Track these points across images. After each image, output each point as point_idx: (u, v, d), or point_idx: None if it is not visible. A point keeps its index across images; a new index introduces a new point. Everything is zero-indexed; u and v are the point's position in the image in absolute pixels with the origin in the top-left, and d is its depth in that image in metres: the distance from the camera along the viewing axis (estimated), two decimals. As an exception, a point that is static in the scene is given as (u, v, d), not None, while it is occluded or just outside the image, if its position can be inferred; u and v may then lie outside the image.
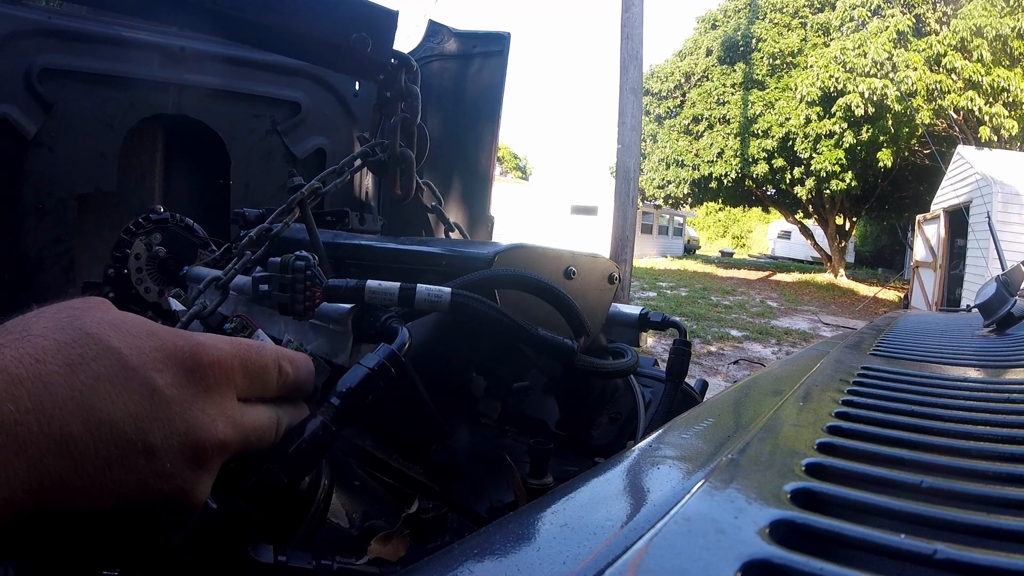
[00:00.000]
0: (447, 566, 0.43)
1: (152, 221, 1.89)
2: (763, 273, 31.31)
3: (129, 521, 0.52)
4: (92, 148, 2.66)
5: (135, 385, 0.51)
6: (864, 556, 0.43)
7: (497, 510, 1.04)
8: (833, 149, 23.97)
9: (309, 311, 0.92)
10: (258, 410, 0.61)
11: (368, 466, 0.94)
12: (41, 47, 2.52)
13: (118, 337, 0.53)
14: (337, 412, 0.67)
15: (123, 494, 0.49)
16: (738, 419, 0.83)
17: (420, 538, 0.91)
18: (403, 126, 1.81)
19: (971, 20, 20.16)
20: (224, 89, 2.91)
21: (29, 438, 0.45)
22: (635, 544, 0.42)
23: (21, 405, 0.45)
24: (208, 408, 0.55)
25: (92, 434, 0.47)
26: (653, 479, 0.59)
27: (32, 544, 0.49)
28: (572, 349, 1.02)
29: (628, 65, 12.56)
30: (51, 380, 0.47)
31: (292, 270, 0.92)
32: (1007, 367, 1.18)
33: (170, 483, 0.51)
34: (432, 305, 0.88)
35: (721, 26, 30.79)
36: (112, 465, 0.48)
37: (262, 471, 0.61)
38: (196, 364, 0.55)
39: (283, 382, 0.64)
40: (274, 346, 0.65)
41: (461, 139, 3.05)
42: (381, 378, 0.72)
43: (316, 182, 1.55)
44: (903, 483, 0.55)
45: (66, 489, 0.47)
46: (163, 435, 0.51)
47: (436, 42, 3.06)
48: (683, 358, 1.25)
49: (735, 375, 10.36)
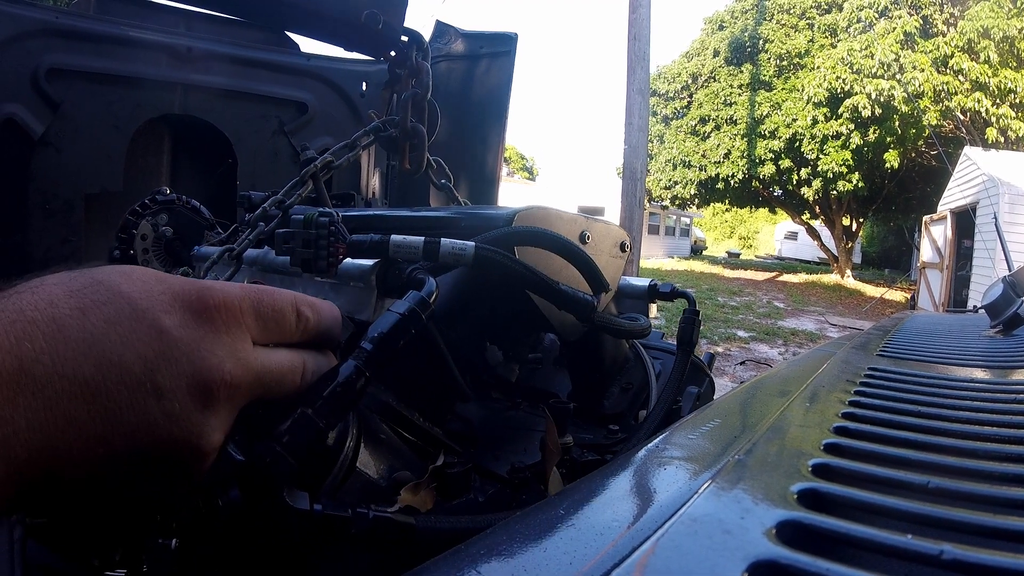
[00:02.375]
0: (454, 566, 0.43)
1: (158, 202, 1.88)
2: (770, 274, 31.27)
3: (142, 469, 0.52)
4: (99, 148, 2.67)
5: (144, 327, 0.52)
6: (871, 556, 0.43)
7: (518, 470, 1.05)
8: (840, 150, 23.95)
9: (332, 267, 0.92)
10: (276, 353, 0.61)
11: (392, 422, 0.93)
12: (48, 47, 2.53)
13: (128, 283, 0.54)
14: (370, 356, 0.67)
15: (133, 436, 0.50)
16: (745, 420, 0.83)
17: (446, 493, 0.91)
18: (414, 101, 1.82)
19: (978, 21, 20.12)
20: (231, 89, 2.91)
21: (46, 378, 0.46)
22: (642, 545, 0.42)
23: (37, 345, 0.46)
24: (216, 349, 0.55)
25: (103, 375, 0.48)
26: (660, 480, 0.59)
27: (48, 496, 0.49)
28: (592, 304, 1.02)
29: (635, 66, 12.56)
30: (64, 323, 0.48)
31: (316, 226, 0.91)
32: (1014, 368, 1.17)
33: (179, 425, 0.52)
34: (456, 259, 0.88)
35: (728, 27, 30.76)
36: (123, 407, 0.49)
37: (297, 415, 0.61)
38: (203, 306, 0.56)
39: (303, 327, 0.64)
40: (292, 292, 0.64)
41: (468, 139, 3.04)
42: (412, 324, 0.72)
43: (329, 155, 1.56)
44: (910, 484, 0.55)
45: (81, 431, 0.47)
46: (171, 375, 0.52)
47: (443, 43, 3.06)
48: (693, 326, 1.25)
49: (742, 375, 10.35)
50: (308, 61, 3.10)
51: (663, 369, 1.46)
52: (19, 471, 0.45)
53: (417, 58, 1.82)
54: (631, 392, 1.41)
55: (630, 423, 1.35)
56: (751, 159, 26.79)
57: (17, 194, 2.53)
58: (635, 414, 1.37)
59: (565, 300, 0.99)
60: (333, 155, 1.59)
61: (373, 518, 0.66)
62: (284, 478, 0.60)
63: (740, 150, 27.19)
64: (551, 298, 0.98)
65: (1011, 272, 1.91)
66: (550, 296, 0.98)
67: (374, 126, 1.79)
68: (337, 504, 0.65)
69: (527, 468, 1.04)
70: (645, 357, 1.44)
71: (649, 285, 1.42)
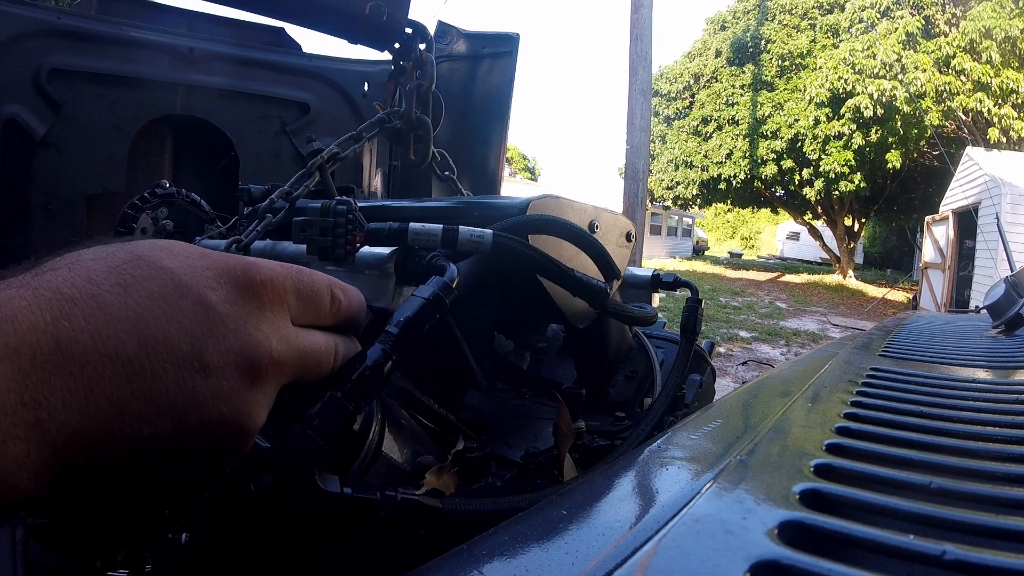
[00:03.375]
0: (456, 566, 0.43)
1: (158, 196, 1.88)
2: (772, 274, 31.25)
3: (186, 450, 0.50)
4: (101, 149, 2.67)
5: (189, 303, 0.50)
6: (873, 557, 0.43)
7: (532, 455, 1.06)
8: (842, 150, 23.94)
9: (350, 255, 0.92)
10: (313, 335, 0.60)
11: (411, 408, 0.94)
12: (50, 47, 2.53)
13: (170, 258, 0.52)
14: (396, 340, 0.67)
15: (180, 416, 0.48)
16: (747, 420, 0.83)
17: (466, 477, 0.92)
18: (418, 93, 1.82)
19: (980, 22, 20.12)
20: (233, 90, 2.91)
21: (85, 357, 0.44)
22: (644, 545, 0.42)
23: (75, 323, 0.45)
24: (262, 326, 0.54)
25: (148, 353, 0.47)
26: (662, 480, 0.59)
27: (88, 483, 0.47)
28: (605, 290, 1.03)
29: (637, 66, 12.57)
30: (104, 300, 0.47)
31: (334, 214, 0.91)
32: (1016, 368, 1.17)
33: (227, 403, 0.51)
34: (474, 246, 0.88)
35: (730, 27, 30.78)
36: (168, 385, 0.48)
37: (327, 398, 0.61)
38: (249, 282, 0.55)
39: (336, 310, 0.63)
40: (326, 275, 0.64)
41: (470, 140, 3.04)
42: (437, 308, 0.72)
43: (335, 146, 1.57)
44: (912, 484, 0.55)
45: (123, 412, 0.46)
46: (218, 352, 0.50)
47: (445, 43, 3.06)
48: (696, 315, 1.26)
49: (744, 376, 10.34)
50: (310, 61, 3.10)
51: (666, 358, 1.48)
52: (57, 455, 0.43)
53: (421, 50, 1.83)
54: (636, 380, 1.43)
55: (635, 410, 1.37)
56: (753, 159, 26.79)
57: (19, 195, 2.52)
58: (640, 401, 1.39)
59: (579, 287, 1.00)
60: (339, 146, 1.60)
61: (401, 500, 0.66)
62: (316, 461, 0.60)
63: (742, 150, 27.19)
64: (566, 284, 1.00)
65: (1013, 272, 1.91)
66: (565, 283, 0.99)
67: (379, 117, 1.80)
68: (367, 487, 0.65)
69: (541, 453, 1.06)
70: (648, 346, 1.47)
71: (652, 275, 1.43)
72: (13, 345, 0.42)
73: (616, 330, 1.38)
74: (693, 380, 1.45)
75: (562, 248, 1.06)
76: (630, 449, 0.97)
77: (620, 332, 1.41)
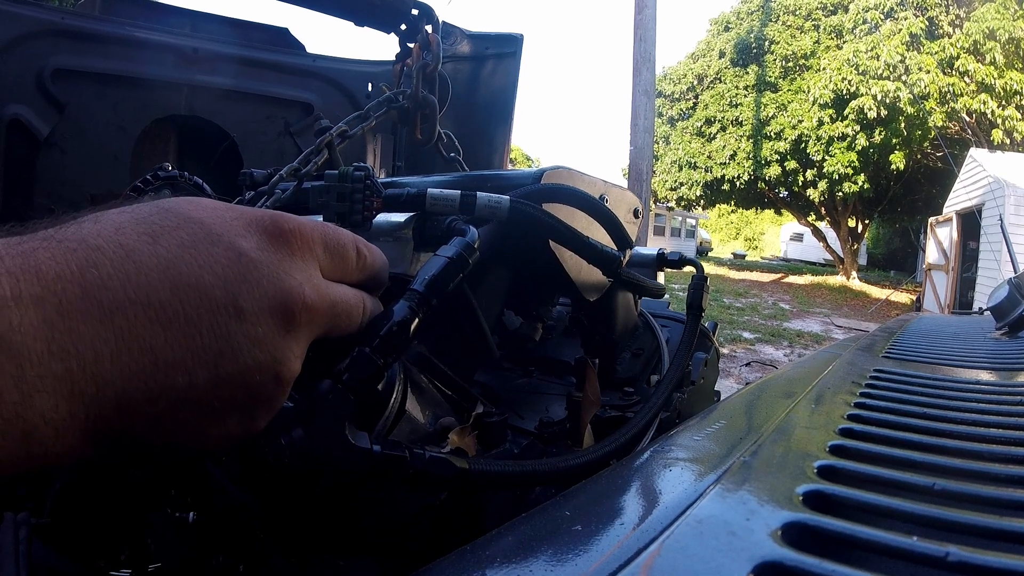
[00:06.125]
0: (460, 567, 0.43)
1: (161, 178, 1.87)
2: (775, 275, 31.22)
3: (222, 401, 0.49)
4: (104, 149, 2.66)
5: (220, 250, 0.50)
6: (876, 558, 0.43)
7: (547, 425, 1.07)
8: (846, 151, 23.91)
9: (367, 221, 0.92)
10: (343, 288, 0.60)
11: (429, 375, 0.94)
12: (54, 47, 2.52)
13: (198, 209, 0.52)
14: (422, 297, 0.67)
15: (215, 363, 0.47)
16: (750, 421, 0.83)
17: (484, 442, 0.92)
18: (425, 72, 1.83)
19: (984, 23, 20.10)
20: (237, 90, 2.91)
21: (115, 305, 0.43)
22: (648, 546, 0.42)
23: (104, 271, 0.44)
24: (295, 273, 0.54)
25: (181, 300, 0.46)
26: (665, 481, 0.59)
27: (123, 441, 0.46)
28: (619, 258, 1.05)
29: (641, 67, 12.57)
30: (133, 248, 0.46)
31: (351, 180, 0.91)
32: (1019, 369, 1.17)
33: (262, 348, 0.50)
34: (492, 212, 0.89)
35: (734, 28, 30.75)
36: (203, 332, 0.47)
37: (356, 353, 0.61)
38: (279, 231, 0.54)
39: (362, 265, 0.63)
40: (349, 231, 0.64)
41: (473, 141, 3.04)
42: (460, 267, 0.73)
43: (343, 125, 1.57)
44: (915, 485, 0.55)
45: (157, 361, 0.45)
46: (252, 298, 0.50)
47: (449, 44, 3.06)
48: (702, 292, 1.27)
49: (747, 377, 10.33)
50: (313, 62, 3.10)
51: (671, 337, 1.50)
52: (88, 410, 0.42)
53: (428, 30, 1.84)
54: (642, 357, 1.45)
55: (643, 387, 1.38)
56: (757, 160, 26.77)
57: (22, 195, 2.52)
58: (647, 379, 1.41)
59: (594, 253, 1.01)
60: (347, 124, 1.61)
61: (430, 458, 0.65)
62: (346, 415, 0.60)
63: (746, 151, 27.17)
64: (581, 251, 1.01)
65: (1017, 274, 1.91)
66: (580, 249, 1.01)
67: (386, 97, 1.80)
68: (396, 444, 0.65)
69: (555, 423, 1.08)
70: (654, 324, 1.49)
71: (658, 253, 1.44)
72: (38, 294, 0.41)
73: (623, 306, 1.40)
74: (699, 358, 1.46)
75: (574, 220, 1.06)
76: (642, 421, 0.97)
77: (627, 308, 1.42)
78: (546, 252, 1.06)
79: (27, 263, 0.42)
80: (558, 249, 1.07)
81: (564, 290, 1.34)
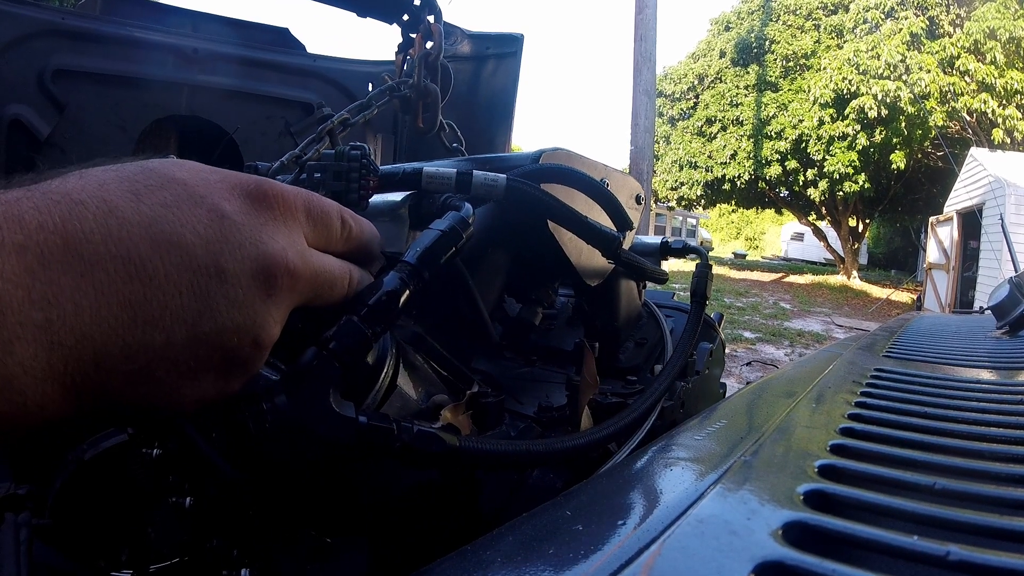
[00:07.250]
0: (461, 567, 0.43)
1: None
2: (776, 275, 31.16)
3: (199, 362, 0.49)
4: (105, 149, 2.65)
5: (203, 211, 0.50)
6: (877, 557, 0.43)
7: (546, 410, 1.07)
8: (846, 151, 23.88)
9: (364, 200, 0.92)
10: (327, 257, 0.60)
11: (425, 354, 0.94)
12: (54, 48, 2.52)
13: (182, 171, 0.52)
14: (413, 269, 0.67)
15: (194, 323, 0.48)
16: (751, 421, 0.83)
17: (480, 423, 0.92)
18: (427, 61, 1.84)
19: (985, 22, 20.09)
20: (237, 90, 2.91)
21: (96, 258, 0.44)
22: (649, 546, 0.42)
23: (86, 225, 0.44)
24: (278, 237, 0.54)
25: (162, 257, 0.46)
26: (666, 481, 0.59)
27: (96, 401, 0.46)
28: (619, 239, 1.04)
29: (641, 67, 12.58)
30: (116, 204, 0.46)
31: (347, 159, 0.91)
32: (1020, 369, 1.17)
33: (241, 311, 0.50)
34: (488, 190, 0.89)
35: (735, 28, 30.71)
36: (183, 290, 0.47)
37: (343, 322, 0.60)
38: (262, 195, 0.55)
39: (347, 235, 0.63)
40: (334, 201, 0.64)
41: (474, 141, 3.04)
42: (453, 240, 0.72)
43: (345, 113, 1.58)
44: (916, 485, 0.55)
45: (136, 316, 0.45)
46: (234, 259, 0.50)
47: (449, 44, 3.06)
48: (707, 280, 1.27)
49: (748, 376, 10.33)
50: (314, 62, 3.11)
51: (674, 327, 1.49)
52: (66, 361, 0.43)
53: (430, 20, 1.84)
54: (646, 347, 1.44)
55: (646, 376, 1.37)
56: (757, 160, 26.74)
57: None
58: (650, 368, 1.40)
59: (593, 233, 1.00)
60: (349, 112, 1.61)
61: (418, 432, 0.65)
62: (332, 384, 0.60)
63: (746, 151, 27.14)
64: (579, 231, 1.00)
65: (1017, 273, 1.91)
66: (578, 229, 1.00)
67: (388, 86, 1.81)
68: (381, 416, 0.64)
69: (554, 409, 1.07)
70: (658, 313, 1.48)
71: (661, 242, 1.44)
72: (19, 242, 0.41)
73: (626, 293, 1.39)
74: (703, 348, 1.45)
75: (574, 201, 1.05)
76: (642, 407, 0.97)
77: (630, 296, 1.42)
78: (544, 233, 1.05)
79: (9, 211, 0.42)
80: (557, 230, 1.07)
81: (565, 274, 1.33)
